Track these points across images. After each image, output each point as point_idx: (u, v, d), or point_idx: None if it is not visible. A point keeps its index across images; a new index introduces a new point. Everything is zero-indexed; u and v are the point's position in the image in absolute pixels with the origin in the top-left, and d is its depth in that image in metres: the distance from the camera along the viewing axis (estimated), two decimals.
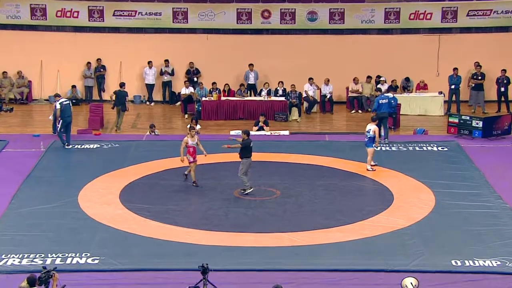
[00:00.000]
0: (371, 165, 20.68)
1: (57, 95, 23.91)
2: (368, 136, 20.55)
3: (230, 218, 17.44)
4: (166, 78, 29.96)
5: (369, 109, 28.61)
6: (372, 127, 20.60)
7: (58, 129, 22.77)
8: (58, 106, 22.82)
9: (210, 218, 17.34)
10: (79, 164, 21.38)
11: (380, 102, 23.67)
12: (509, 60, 29.01)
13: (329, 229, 16.66)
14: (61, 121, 22.65)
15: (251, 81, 29.57)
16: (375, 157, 20.96)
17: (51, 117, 23.64)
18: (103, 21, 29.74)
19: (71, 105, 23.29)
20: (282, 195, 18.86)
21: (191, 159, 19.25)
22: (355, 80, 29.13)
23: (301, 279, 14.22)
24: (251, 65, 29.46)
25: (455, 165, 21.29)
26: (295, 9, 29.81)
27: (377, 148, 20.88)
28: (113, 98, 26.17)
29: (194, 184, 19.25)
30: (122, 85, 25.82)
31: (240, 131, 24.93)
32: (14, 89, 29.71)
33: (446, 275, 14.39)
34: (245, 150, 18.72)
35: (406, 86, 29.39)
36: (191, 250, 15.41)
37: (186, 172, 19.66)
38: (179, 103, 29.46)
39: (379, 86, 28.97)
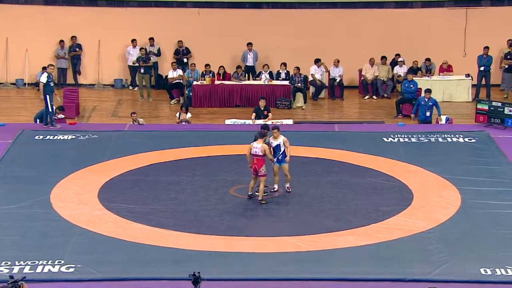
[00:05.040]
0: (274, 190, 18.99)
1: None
2: (281, 152, 18.77)
3: (226, 220, 17.46)
4: (151, 59, 29.95)
5: (385, 95, 28.65)
6: (280, 140, 18.74)
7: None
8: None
9: (202, 220, 17.36)
10: (51, 158, 21.36)
11: None
12: None
13: (339, 232, 16.68)
14: None
15: (250, 62, 29.58)
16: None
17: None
18: None
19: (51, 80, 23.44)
20: (285, 193, 18.88)
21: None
22: (371, 61, 29.09)
23: None
24: (249, 44, 29.46)
25: (484, 158, 21.31)
26: None
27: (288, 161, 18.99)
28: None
29: (263, 202, 18.26)
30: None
31: (237, 120, 25.08)
32: None
33: (474, 285, 14.39)
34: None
35: (427, 68, 29.37)
36: (180, 257, 15.43)
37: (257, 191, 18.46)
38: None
39: (396, 67, 29.04)
